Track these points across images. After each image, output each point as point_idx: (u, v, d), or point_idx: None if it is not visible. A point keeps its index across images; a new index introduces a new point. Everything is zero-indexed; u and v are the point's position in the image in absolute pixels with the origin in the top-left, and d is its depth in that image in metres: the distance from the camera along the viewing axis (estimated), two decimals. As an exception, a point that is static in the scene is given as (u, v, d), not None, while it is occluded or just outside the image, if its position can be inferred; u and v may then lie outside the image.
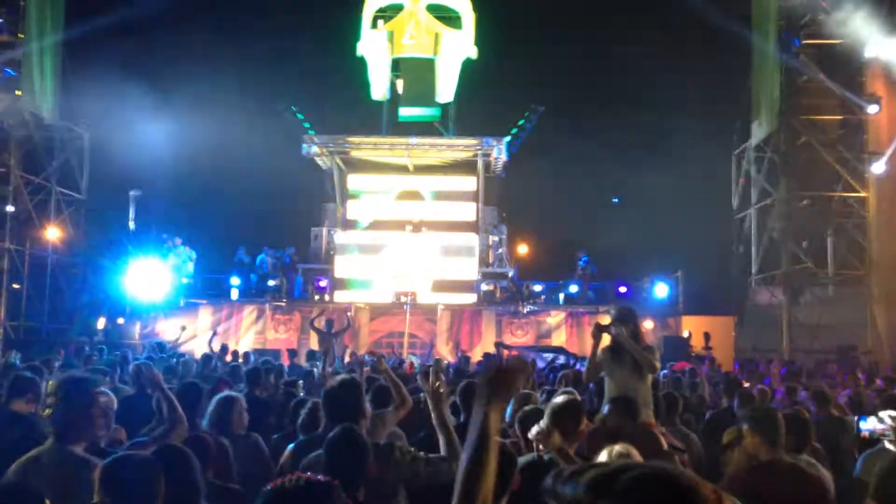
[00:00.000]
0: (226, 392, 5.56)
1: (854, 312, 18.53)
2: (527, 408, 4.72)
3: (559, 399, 4.41)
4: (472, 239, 22.22)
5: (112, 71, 22.03)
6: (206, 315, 20.24)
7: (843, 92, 19.30)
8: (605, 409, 5.65)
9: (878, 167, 18.42)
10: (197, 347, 17.84)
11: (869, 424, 3.77)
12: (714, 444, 6.01)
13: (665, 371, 11.31)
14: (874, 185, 19.09)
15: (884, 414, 3.79)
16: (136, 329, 19.11)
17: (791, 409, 6.44)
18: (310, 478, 2.37)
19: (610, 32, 25.48)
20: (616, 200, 18.73)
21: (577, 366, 11.72)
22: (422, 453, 3.93)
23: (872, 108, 18.73)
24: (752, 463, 4.12)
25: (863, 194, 19.22)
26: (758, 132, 21.29)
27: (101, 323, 18.09)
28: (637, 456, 3.61)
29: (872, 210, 19.11)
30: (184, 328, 18.33)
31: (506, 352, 16.64)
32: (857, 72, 19.32)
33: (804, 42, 19.75)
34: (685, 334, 18.89)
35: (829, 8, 19.41)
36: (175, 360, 11.69)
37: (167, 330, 19.41)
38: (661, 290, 20.14)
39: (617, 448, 3.67)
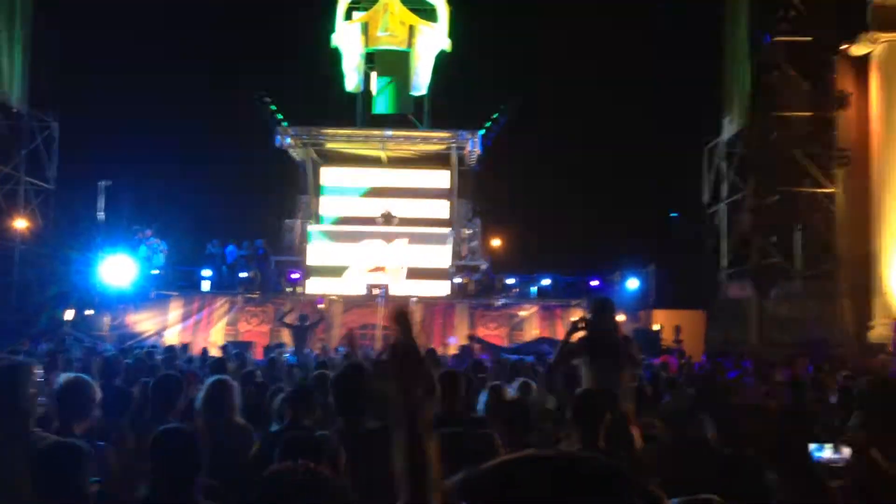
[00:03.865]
0: (219, 376, 5.43)
1: (822, 307, 18.80)
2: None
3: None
4: (446, 232, 22.22)
5: (82, 60, 21.78)
6: (176, 307, 20.07)
7: (811, 89, 19.55)
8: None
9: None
10: (167, 341, 17.71)
11: (825, 453, 3.78)
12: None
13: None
14: (842, 182, 19.36)
15: (845, 449, 3.80)
16: (106, 321, 18.91)
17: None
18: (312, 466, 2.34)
19: (584, 27, 25.60)
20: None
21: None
22: None
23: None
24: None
25: (831, 190, 19.48)
26: (729, 128, 21.48)
27: (69, 314, 17.85)
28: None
29: (840, 206, 19.38)
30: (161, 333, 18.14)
31: (477, 346, 16.72)
32: (827, 69, 19.55)
33: (775, 39, 19.93)
34: (656, 328, 19.07)
35: (800, 5, 19.62)
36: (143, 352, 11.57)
37: (137, 322, 19.23)
38: (632, 284, 20.31)
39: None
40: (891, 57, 18.52)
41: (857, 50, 19.07)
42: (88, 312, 18.78)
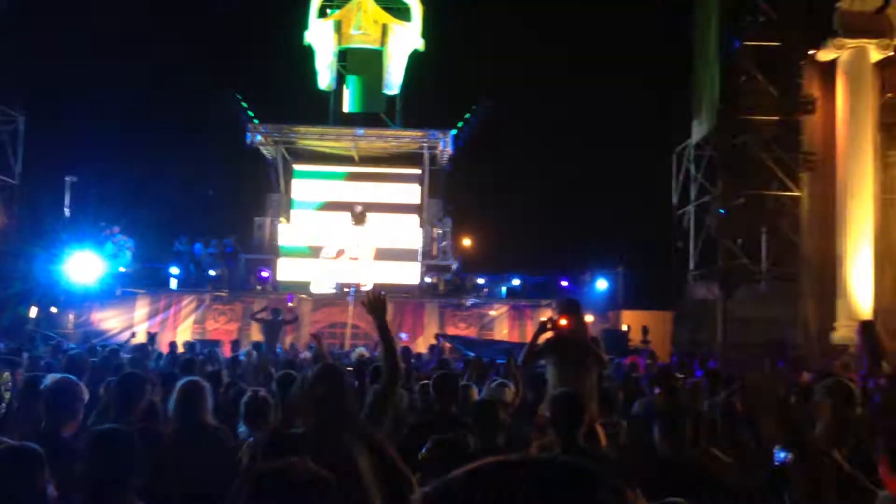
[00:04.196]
0: (190, 378, 5.37)
1: (786, 308, 19.04)
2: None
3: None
4: (417, 231, 22.21)
5: (48, 54, 21.48)
6: (143, 305, 19.88)
7: (779, 93, 19.80)
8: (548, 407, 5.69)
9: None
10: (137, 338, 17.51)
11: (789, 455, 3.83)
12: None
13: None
14: (808, 185, 19.63)
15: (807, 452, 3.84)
16: (70, 318, 18.67)
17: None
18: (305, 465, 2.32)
19: (557, 28, 25.74)
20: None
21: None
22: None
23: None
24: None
25: (796, 193, 19.73)
26: (698, 130, 21.68)
27: (32, 312, 17.59)
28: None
29: (806, 209, 19.64)
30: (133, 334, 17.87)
31: (446, 344, 16.74)
32: (794, 73, 19.80)
33: (744, 43, 20.15)
34: (624, 328, 19.22)
35: (769, 11, 19.86)
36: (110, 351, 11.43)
37: (103, 320, 19.00)
38: (601, 285, 20.45)
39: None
40: (857, 63, 18.78)
41: (824, 55, 19.33)
42: (53, 310, 18.52)
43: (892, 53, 18.68)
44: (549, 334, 6.57)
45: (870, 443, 5.22)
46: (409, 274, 21.31)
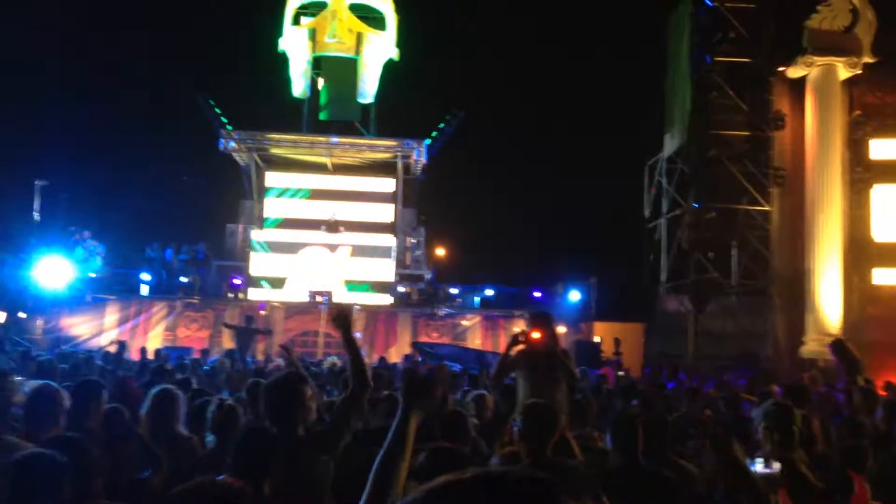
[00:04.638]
0: (165, 385, 5.33)
1: (756, 321, 19.29)
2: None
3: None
4: (390, 240, 22.20)
5: (17, 54, 21.23)
6: (113, 311, 19.64)
7: (749, 109, 20.10)
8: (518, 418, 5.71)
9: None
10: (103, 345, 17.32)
11: (758, 468, 3.90)
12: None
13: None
14: (777, 200, 19.92)
15: (776, 465, 3.92)
16: (39, 324, 18.41)
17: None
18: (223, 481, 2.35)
19: (529, 40, 25.93)
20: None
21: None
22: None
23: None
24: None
25: (766, 208, 20.01)
26: (670, 144, 21.92)
27: (0, 317, 17.32)
28: None
29: (775, 223, 19.93)
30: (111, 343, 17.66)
31: (417, 356, 16.71)
32: (764, 90, 20.11)
33: (716, 59, 20.43)
34: (597, 340, 19.33)
35: (739, 27, 20.16)
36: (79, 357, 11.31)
37: (72, 326, 18.76)
38: (574, 296, 20.56)
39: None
40: (825, 80, 19.13)
41: (794, 72, 19.67)
42: (21, 315, 18.25)
43: (860, 71, 19.06)
44: (520, 347, 6.61)
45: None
46: (382, 300, 21.27)
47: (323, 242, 21.52)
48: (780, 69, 19.86)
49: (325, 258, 21.41)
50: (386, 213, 23.41)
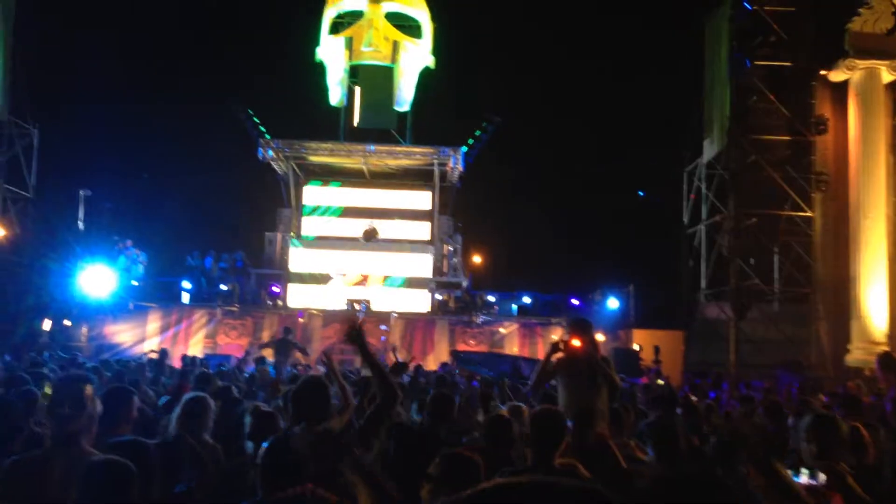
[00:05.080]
0: (195, 392, 5.40)
1: (799, 329, 18.97)
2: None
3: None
4: (427, 248, 22.24)
5: (64, 68, 21.65)
6: (155, 319, 19.92)
7: (790, 113, 19.83)
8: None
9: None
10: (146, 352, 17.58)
11: (802, 479, 3.82)
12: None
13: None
14: (820, 205, 19.60)
15: (822, 476, 3.84)
16: (83, 332, 18.72)
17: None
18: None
19: (567, 47, 25.85)
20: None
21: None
22: None
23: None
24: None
25: (809, 214, 19.70)
26: (709, 150, 21.69)
27: (46, 325, 17.65)
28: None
29: (818, 229, 19.61)
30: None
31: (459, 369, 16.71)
32: (806, 94, 19.83)
33: (755, 63, 20.20)
34: (636, 347, 19.15)
35: (780, 31, 19.91)
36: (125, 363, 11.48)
37: (115, 333, 19.05)
38: (612, 304, 20.40)
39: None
40: (868, 83, 18.82)
41: (836, 76, 19.37)
42: (66, 323, 18.57)
43: (905, 75, 18.72)
44: (559, 355, 6.57)
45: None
46: (420, 299, 21.37)
47: (361, 250, 21.67)
48: (822, 72, 19.57)
49: (364, 266, 21.55)
50: (422, 221, 23.50)
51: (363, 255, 21.69)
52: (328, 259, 21.71)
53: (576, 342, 6.47)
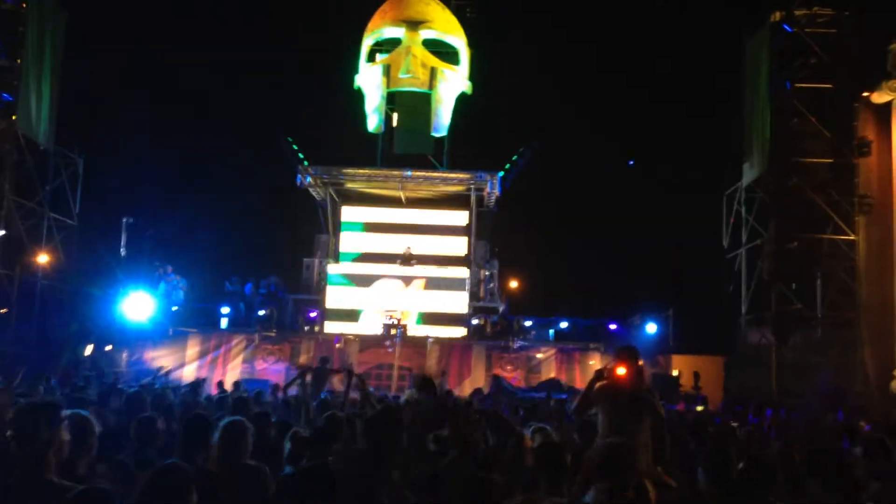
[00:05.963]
0: (234, 417, 5.38)
1: (843, 355, 18.54)
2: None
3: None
4: (464, 273, 22.23)
5: (108, 98, 22.13)
6: (194, 344, 20.11)
7: (832, 136, 19.54)
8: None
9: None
10: (185, 377, 17.77)
11: None
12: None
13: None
14: (864, 229, 19.23)
15: None
16: (124, 357, 18.97)
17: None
18: None
19: (605, 72, 25.80)
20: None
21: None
22: None
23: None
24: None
25: (852, 238, 19.34)
26: (749, 173, 21.45)
27: (88, 350, 17.92)
28: None
29: (862, 254, 19.22)
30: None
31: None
32: (848, 116, 19.53)
33: (796, 85, 19.98)
34: (675, 373, 18.89)
35: (821, 52, 19.69)
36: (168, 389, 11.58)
37: (155, 358, 19.27)
38: (651, 329, 20.17)
39: None
40: (912, 105, 18.49)
41: (878, 98, 19.05)
42: (108, 348, 18.83)
43: (949, 96, 18.36)
44: (602, 383, 6.47)
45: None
46: (455, 333, 21.32)
47: (397, 275, 21.70)
48: (864, 94, 19.26)
49: (399, 290, 21.56)
50: (459, 245, 23.57)
51: (399, 293, 21.63)
52: (363, 295, 21.69)
53: (621, 370, 6.34)
